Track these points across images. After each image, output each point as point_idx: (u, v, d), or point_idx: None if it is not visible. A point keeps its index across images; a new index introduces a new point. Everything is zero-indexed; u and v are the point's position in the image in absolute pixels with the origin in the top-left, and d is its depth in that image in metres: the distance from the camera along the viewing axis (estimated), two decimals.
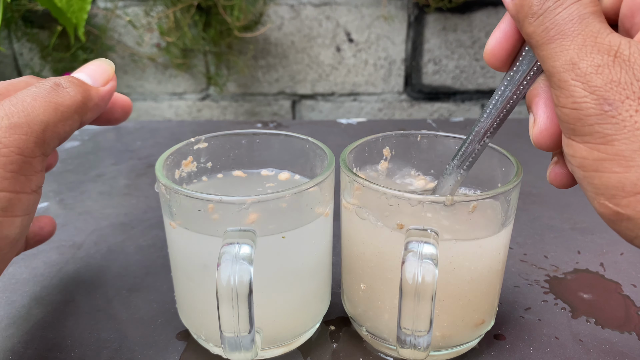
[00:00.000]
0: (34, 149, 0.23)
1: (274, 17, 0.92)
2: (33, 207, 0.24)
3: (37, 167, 0.24)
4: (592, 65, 0.19)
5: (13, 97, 0.24)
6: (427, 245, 0.26)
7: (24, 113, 0.23)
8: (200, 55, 0.94)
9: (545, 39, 0.20)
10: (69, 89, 0.25)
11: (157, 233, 0.47)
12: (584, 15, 0.20)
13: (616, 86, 0.18)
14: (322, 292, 0.33)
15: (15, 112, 0.23)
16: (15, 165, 0.22)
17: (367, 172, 0.35)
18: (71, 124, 0.25)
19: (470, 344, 0.32)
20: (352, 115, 0.99)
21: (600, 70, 0.19)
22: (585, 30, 0.19)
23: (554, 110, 0.22)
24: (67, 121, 0.25)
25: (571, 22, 0.20)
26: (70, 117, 0.25)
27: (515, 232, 0.46)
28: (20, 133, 0.22)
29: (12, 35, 0.92)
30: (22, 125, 0.23)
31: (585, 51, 0.19)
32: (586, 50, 0.19)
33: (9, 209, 0.22)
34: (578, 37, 0.19)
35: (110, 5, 0.90)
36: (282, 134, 0.36)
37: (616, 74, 0.18)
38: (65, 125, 0.25)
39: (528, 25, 0.21)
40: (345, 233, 0.32)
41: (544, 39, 0.20)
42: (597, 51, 0.19)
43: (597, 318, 0.35)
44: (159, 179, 0.29)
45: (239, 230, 0.27)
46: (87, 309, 0.37)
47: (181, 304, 0.32)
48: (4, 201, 0.22)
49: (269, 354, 0.32)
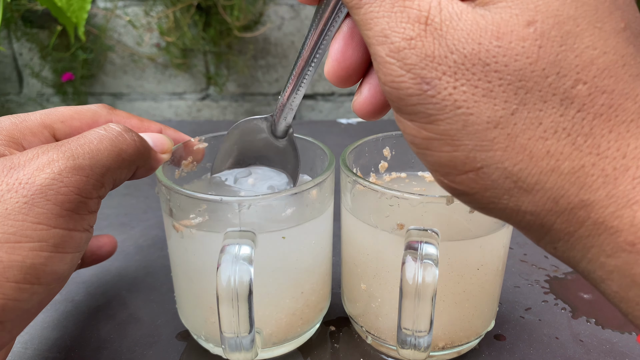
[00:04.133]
0: (91, 191, 0.24)
1: (273, 17, 0.91)
2: (84, 245, 0.25)
3: (92, 208, 0.24)
4: (404, 39, 0.17)
5: (81, 136, 0.25)
6: (428, 246, 0.26)
7: (89, 155, 0.24)
8: (200, 55, 0.94)
9: (354, 2, 0.18)
10: (136, 139, 0.26)
11: (157, 233, 0.47)
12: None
13: (431, 62, 0.16)
14: (322, 292, 0.33)
15: (82, 154, 0.23)
16: (72, 205, 0.23)
17: (367, 173, 0.35)
18: (127, 173, 0.26)
19: (470, 344, 0.32)
20: (352, 115, 0.99)
21: (413, 44, 0.16)
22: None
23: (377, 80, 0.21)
24: (124, 170, 0.26)
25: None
26: (128, 167, 0.26)
27: (516, 232, 0.46)
28: (82, 175, 0.23)
29: (11, 35, 0.92)
30: (85, 168, 0.23)
31: (395, 20, 0.17)
32: (396, 18, 0.17)
33: (60, 246, 0.23)
34: (385, 0, 0.17)
35: (110, 5, 0.90)
36: None
37: (430, 46, 0.16)
38: (122, 173, 0.26)
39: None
40: (345, 233, 0.32)
41: (352, 1, 0.18)
42: (407, 19, 0.17)
43: (598, 318, 0.35)
44: (159, 179, 0.29)
45: (239, 230, 0.27)
46: (87, 309, 0.37)
47: (181, 304, 0.32)
48: (57, 238, 0.23)
49: (269, 354, 0.32)
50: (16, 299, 0.22)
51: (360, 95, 0.22)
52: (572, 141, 0.16)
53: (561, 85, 0.16)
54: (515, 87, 0.16)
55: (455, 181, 0.18)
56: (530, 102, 0.16)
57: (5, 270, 0.21)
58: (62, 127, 0.27)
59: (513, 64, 0.16)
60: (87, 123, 0.28)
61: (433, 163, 0.18)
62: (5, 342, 0.23)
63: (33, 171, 0.22)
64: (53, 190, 0.22)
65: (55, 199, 0.22)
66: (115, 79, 0.98)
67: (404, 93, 0.17)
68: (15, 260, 0.21)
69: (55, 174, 0.22)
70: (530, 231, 0.18)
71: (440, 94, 0.17)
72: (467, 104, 0.16)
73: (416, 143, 0.18)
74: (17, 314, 0.22)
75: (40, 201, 0.22)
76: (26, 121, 0.26)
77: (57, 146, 0.24)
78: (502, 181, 0.17)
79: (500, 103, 0.16)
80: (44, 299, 0.24)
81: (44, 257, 0.22)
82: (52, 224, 0.22)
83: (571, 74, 0.16)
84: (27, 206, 0.22)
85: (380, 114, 0.22)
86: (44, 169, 0.22)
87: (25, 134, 0.26)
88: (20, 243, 0.22)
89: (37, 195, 0.22)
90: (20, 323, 0.24)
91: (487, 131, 0.17)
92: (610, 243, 0.16)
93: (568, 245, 0.17)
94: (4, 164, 0.22)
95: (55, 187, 0.22)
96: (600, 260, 0.17)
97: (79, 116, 0.28)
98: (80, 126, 0.28)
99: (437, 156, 0.18)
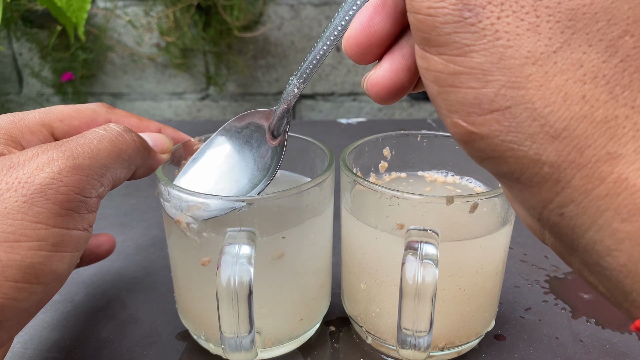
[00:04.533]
0: (91, 190, 0.24)
1: (273, 17, 0.91)
2: (83, 244, 0.25)
3: (92, 207, 0.24)
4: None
5: (80, 136, 0.25)
6: (428, 246, 0.26)
7: (89, 155, 0.24)
8: (200, 55, 0.94)
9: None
10: (135, 139, 0.26)
11: (157, 233, 0.47)
12: None
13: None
14: (322, 292, 0.33)
15: (81, 154, 0.24)
16: (71, 204, 0.23)
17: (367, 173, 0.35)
18: (126, 173, 0.26)
19: (470, 344, 0.32)
20: (352, 115, 0.99)
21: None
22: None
23: (400, 57, 0.20)
24: (124, 169, 0.26)
25: None
26: (127, 167, 0.26)
27: (516, 232, 0.46)
28: (81, 174, 0.23)
29: (11, 35, 0.92)
30: (85, 167, 0.23)
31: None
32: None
33: (59, 245, 0.23)
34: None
35: (110, 5, 0.90)
36: None
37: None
38: (122, 172, 0.26)
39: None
40: (345, 233, 0.32)
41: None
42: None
43: (598, 318, 0.35)
44: (159, 178, 0.29)
45: (239, 230, 0.27)
46: (87, 309, 0.37)
47: (181, 304, 0.32)
48: (56, 237, 0.23)
49: (269, 354, 0.32)
50: (15, 298, 0.22)
51: (379, 69, 0.21)
52: (610, 89, 0.16)
53: (609, 33, 0.16)
54: (563, 26, 0.16)
55: (476, 122, 0.17)
56: (575, 43, 0.16)
57: (4, 269, 0.21)
58: (61, 125, 0.27)
59: (567, 3, 0.16)
60: (85, 122, 0.28)
61: (455, 102, 0.17)
62: (3, 341, 0.23)
63: (32, 170, 0.22)
64: (52, 190, 0.22)
65: (54, 198, 0.22)
66: (115, 79, 0.99)
67: (441, 20, 0.17)
68: (14, 260, 0.21)
69: (55, 173, 0.22)
70: (542, 189, 0.17)
71: (482, 22, 0.16)
72: (509, 35, 0.16)
73: (440, 80, 0.17)
74: (16, 313, 0.22)
75: (39, 200, 0.22)
76: (25, 120, 0.26)
77: (57, 145, 0.24)
78: (528, 124, 0.16)
79: (544, 39, 0.16)
80: (43, 299, 0.24)
81: (42, 256, 0.22)
82: (51, 223, 0.22)
83: (621, 24, 0.16)
84: (27, 205, 0.22)
85: (395, 97, 0.21)
86: (43, 168, 0.22)
87: (24, 132, 0.26)
88: (19, 242, 0.21)
89: (37, 194, 0.22)
90: (18, 322, 0.23)
91: (523, 67, 0.16)
92: (629, 205, 0.15)
93: (579, 208, 0.16)
94: (3, 163, 0.22)
95: (54, 187, 0.22)
96: (613, 226, 0.16)
97: (78, 115, 0.28)
98: (79, 125, 0.28)
99: (461, 94, 0.17)
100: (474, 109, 0.17)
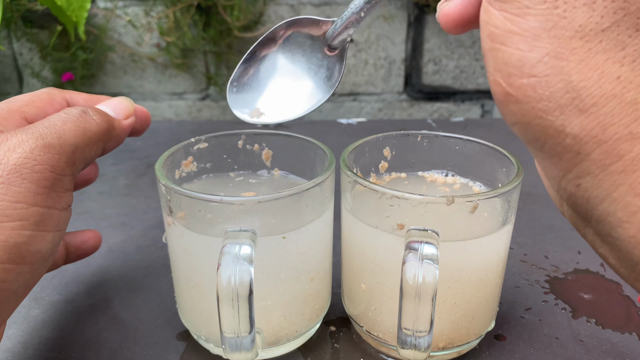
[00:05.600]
0: (65, 167, 0.24)
1: (273, 17, 0.91)
2: (64, 224, 0.26)
3: (67, 186, 0.25)
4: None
5: (45, 120, 0.25)
6: (428, 246, 0.26)
7: (57, 135, 0.25)
8: (200, 55, 0.94)
9: None
10: (95, 117, 0.27)
11: (157, 233, 0.47)
12: None
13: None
14: (322, 292, 0.33)
15: (49, 134, 0.24)
16: (48, 182, 0.24)
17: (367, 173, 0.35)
18: (96, 150, 0.27)
19: (470, 344, 0.32)
20: (352, 115, 0.99)
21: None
22: None
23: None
24: (93, 147, 0.27)
25: None
26: (95, 143, 0.27)
27: (516, 232, 0.46)
28: (53, 152, 0.24)
29: (11, 35, 0.92)
30: (55, 146, 0.24)
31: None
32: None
33: (41, 224, 0.24)
34: None
35: (110, 5, 0.90)
36: (282, 133, 0.35)
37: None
38: (91, 150, 0.27)
39: None
40: (345, 233, 0.32)
41: None
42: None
43: (598, 318, 0.35)
44: (159, 179, 0.29)
45: (239, 230, 0.27)
46: (87, 309, 0.37)
47: (181, 304, 0.32)
48: (37, 215, 0.23)
49: (269, 354, 0.32)
50: (3, 279, 0.22)
51: (452, 1, 0.21)
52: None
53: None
54: (617, 7, 0.16)
55: (514, 85, 0.18)
56: (623, 25, 0.16)
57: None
58: (29, 109, 0.28)
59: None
60: (47, 102, 0.29)
61: (501, 61, 0.18)
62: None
63: (5, 152, 0.23)
64: (27, 169, 0.23)
65: (30, 177, 0.23)
66: (115, 79, 0.99)
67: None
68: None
69: (27, 153, 0.23)
70: (562, 159, 0.18)
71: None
72: (566, 6, 0.17)
73: (494, 36, 0.18)
74: (5, 295, 0.23)
75: (16, 180, 0.23)
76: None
77: (24, 129, 0.24)
78: (560, 94, 0.17)
79: (596, 16, 0.17)
80: (30, 280, 0.24)
81: (26, 235, 0.23)
82: (30, 202, 0.23)
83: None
84: (4, 186, 0.22)
85: (462, 28, 0.22)
86: (15, 149, 0.23)
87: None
88: (1, 222, 0.22)
89: (13, 174, 0.23)
90: (8, 305, 0.24)
91: (571, 40, 0.17)
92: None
93: (596, 181, 0.17)
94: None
95: (29, 166, 0.23)
96: (626, 199, 0.17)
97: (37, 98, 0.28)
98: (42, 106, 0.28)
99: (509, 53, 0.18)
100: (515, 70, 0.18)
